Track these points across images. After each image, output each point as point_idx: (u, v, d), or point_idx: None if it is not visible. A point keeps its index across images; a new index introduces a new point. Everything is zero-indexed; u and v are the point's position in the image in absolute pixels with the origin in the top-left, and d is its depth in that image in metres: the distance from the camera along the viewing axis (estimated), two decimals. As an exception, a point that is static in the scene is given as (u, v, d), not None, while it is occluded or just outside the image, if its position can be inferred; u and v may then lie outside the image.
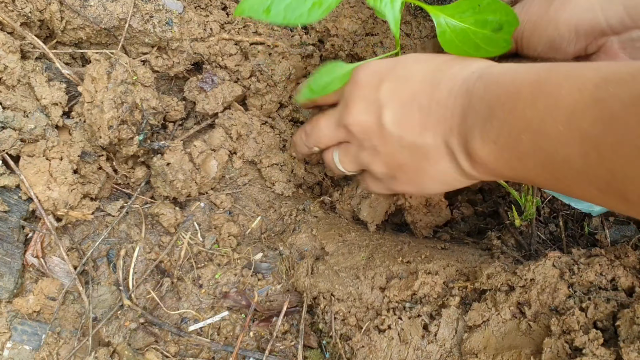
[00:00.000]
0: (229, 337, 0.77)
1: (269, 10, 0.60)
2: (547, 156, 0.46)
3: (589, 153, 0.42)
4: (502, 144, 0.50)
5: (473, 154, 0.54)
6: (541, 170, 0.48)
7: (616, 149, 0.39)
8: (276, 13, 0.60)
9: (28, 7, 0.77)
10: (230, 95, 0.85)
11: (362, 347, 0.71)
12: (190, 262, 0.80)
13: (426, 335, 0.71)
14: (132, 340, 0.76)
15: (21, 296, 0.76)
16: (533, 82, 0.48)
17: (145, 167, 0.84)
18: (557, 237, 0.82)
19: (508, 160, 0.50)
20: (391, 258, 0.77)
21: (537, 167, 0.48)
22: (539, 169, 0.48)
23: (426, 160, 0.60)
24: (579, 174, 0.44)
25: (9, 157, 0.76)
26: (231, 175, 0.87)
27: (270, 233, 0.85)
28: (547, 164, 0.46)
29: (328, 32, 0.89)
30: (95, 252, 0.80)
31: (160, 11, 0.82)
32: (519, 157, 0.49)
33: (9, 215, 0.76)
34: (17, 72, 0.76)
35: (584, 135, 0.42)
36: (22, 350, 0.75)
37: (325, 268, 0.77)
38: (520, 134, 0.47)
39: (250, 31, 0.88)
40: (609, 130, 0.40)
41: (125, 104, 0.77)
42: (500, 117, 0.50)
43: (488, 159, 0.52)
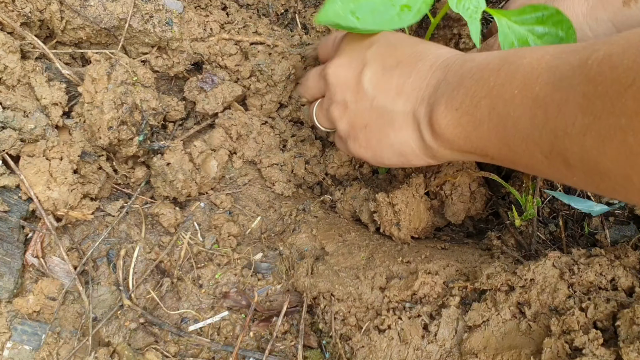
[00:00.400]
0: (229, 337, 0.77)
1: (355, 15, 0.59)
2: (500, 119, 0.48)
3: (536, 114, 0.44)
4: (463, 110, 0.51)
5: (435, 123, 0.55)
6: (493, 136, 0.49)
7: (560, 108, 0.42)
8: (364, 18, 0.60)
9: (28, 7, 0.77)
10: (230, 95, 0.85)
11: (362, 347, 0.71)
12: (190, 262, 0.80)
13: (426, 335, 0.71)
14: (132, 340, 0.76)
15: (21, 296, 0.76)
16: (502, 55, 0.51)
17: (145, 167, 0.84)
18: (557, 237, 0.82)
19: (465, 127, 0.52)
20: (391, 258, 0.77)
21: (490, 133, 0.49)
22: (491, 135, 0.50)
23: (391, 126, 0.60)
24: (527, 136, 0.45)
25: (9, 157, 0.76)
26: (231, 175, 0.87)
27: (270, 233, 0.85)
28: (499, 128, 0.48)
29: (329, 32, 0.89)
30: (95, 252, 0.80)
31: (160, 11, 0.82)
32: (475, 123, 0.51)
33: (9, 215, 0.76)
34: (17, 72, 0.76)
35: (534, 97, 0.44)
36: (22, 350, 0.75)
37: (325, 268, 0.77)
38: (481, 100, 0.49)
39: (250, 31, 0.88)
40: (556, 91, 0.42)
41: (125, 104, 0.77)
42: (466, 85, 0.51)
43: (447, 127, 0.53)
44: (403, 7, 0.60)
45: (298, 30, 0.91)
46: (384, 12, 0.60)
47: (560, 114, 0.42)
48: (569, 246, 0.79)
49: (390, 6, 0.60)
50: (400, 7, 0.60)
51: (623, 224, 0.82)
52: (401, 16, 0.60)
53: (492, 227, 0.87)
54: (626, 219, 0.82)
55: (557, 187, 0.85)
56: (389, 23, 0.60)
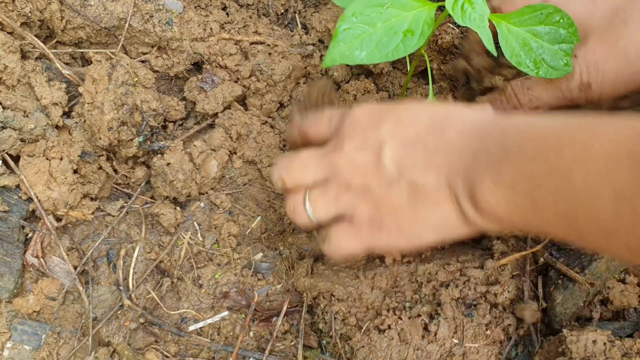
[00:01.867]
0: (229, 337, 0.77)
1: (361, 51, 0.59)
2: (571, 209, 0.43)
3: (622, 212, 0.39)
4: (517, 190, 0.46)
5: (480, 199, 0.49)
6: (561, 223, 0.44)
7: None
8: (370, 53, 0.59)
9: (28, 7, 0.77)
10: (230, 95, 0.85)
11: (362, 347, 0.71)
12: (190, 262, 0.80)
13: (426, 335, 0.71)
14: (132, 340, 0.76)
15: (21, 296, 0.76)
16: (560, 130, 0.45)
17: (145, 167, 0.84)
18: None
19: (522, 208, 0.47)
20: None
21: (557, 219, 0.45)
22: (558, 221, 0.45)
23: (425, 203, 0.54)
24: (609, 231, 0.40)
25: (9, 157, 0.76)
26: (231, 175, 0.87)
27: (270, 233, 0.85)
28: (570, 217, 0.43)
29: (329, 32, 0.89)
30: (95, 252, 0.80)
31: (161, 11, 0.82)
32: (536, 206, 0.45)
33: (9, 215, 0.76)
34: (17, 72, 0.76)
35: (617, 192, 0.39)
36: (22, 350, 0.75)
37: (325, 268, 0.77)
38: (541, 182, 0.44)
39: (250, 31, 0.88)
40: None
41: (126, 105, 0.77)
42: (519, 162, 0.46)
43: (498, 206, 0.48)
44: (406, 32, 0.59)
45: (298, 30, 0.91)
46: (388, 42, 0.59)
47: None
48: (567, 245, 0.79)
49: (393, 34, 0.59)
50: (404, 33, 0.59)
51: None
52: (405, 42, 0.59)
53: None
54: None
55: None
56: (395, 52, 0.59)
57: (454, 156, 0.52)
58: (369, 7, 0.59)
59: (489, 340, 0.71)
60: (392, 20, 0.59)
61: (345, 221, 0.60)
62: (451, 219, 0.53)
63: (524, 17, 0.61)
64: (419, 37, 0.59)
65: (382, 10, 0.59)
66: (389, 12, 0.60)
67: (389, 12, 0.60)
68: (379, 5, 0.60)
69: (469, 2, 0.59)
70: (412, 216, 0.55)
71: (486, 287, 0.73)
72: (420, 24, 0.59)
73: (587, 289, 0.72)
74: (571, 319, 0.73)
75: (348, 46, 0.58)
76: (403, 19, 0.60)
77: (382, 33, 0.59)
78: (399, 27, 0.59)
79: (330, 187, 0.60)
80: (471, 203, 0.51)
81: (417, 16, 0.60)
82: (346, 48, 0.59)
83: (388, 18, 0.59)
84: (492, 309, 0.72)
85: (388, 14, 0.60)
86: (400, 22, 0.60)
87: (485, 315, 0.72)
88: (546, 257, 0.76)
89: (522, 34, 0.61)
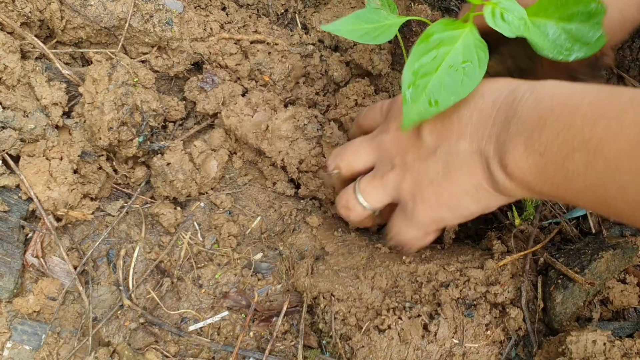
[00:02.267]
0: (229, 337, 0.77)
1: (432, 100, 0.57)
2: (601, 180, 0.43)
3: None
4: (548, 157, 0.47)
5: (510, 163, 0.50)
6: (590, 193, 0.45)
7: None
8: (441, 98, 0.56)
9: (28, 7, 0.77)
10: (231, 95, 0.85)
11: (362, 347, 0.71)
12: (190, 262, 0.80)
13: (426, 335, 0.71)
14: (132, 340, 0.76)
15: (21, 296, 0.76)
16: (593, 102, 0.45)
17: (145, 167, 0.84)
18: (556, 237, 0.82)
19: (552, 176, 0.47)
20: (391, 258, 0.77)
21: (587, 190, 0.45)
22: (588, 192, 0.45)
23: (458, 171, 0.55)
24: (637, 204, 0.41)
25: (9, 157, 0.76)
26: (231, 175, 0.87)
27: (270, 233, 0.85)
28: (599, 187, 0.44)
29: (329, 32, 0.89)
30: (95, 252, 0.80)
31: (160, 11, 0.82)
32: (566, 175, 0.46)
33: (9, 215, 0.76)
34: (17, 72, 0.76)
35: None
36: (22, 350, 0.75)
37: (325, 268, 0.77)
38: (574, 151, 0.45)
39: (250, 30, 0.88)
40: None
41: (126, 105, 0.77)
42: (552, 130, 0.46)
43: (528, 171, 0.49)
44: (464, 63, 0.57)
45: (298, 30, 0.91)
46: (452, 80, 0.57)
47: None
48: (567, 245, 0.79)
49: (454, 72, 0.57)
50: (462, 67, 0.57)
51: (623, 223, 0.82)
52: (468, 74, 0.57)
53: (492, 227, 0.87)
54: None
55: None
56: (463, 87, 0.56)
57: (486, 123, 0.53)
58: (421, 56, 0.58)
59: (489, 340, 0.71)
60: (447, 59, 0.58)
61: (398, 209, 0.63)
62: (483, 185, 0.55)
63: (545, 7, 0.59)
64: (479, 65, 0.57)
65: (435, 53, 0.58)
66: (442, 51, 0.58)
67: (442, 51, 0.58)
68: (432, 49, 0.58)
69: (503, 10, 0.57)
70: (449, 186, 0.57)
71: (486, 287, 0.73)
72: (473, 50, 0.57)
73: (587, 289, 0.72)
74: (571, 319, 0.73)
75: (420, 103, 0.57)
76: (456, 52, 0.58)
77: (443, 75, 0.57)
78: (456, 62, 0.57)
79: (377, 170, 0.63)
80: (501, 168, 0.51)
81: (466, 44, 0.58)
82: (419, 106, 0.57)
83: (442, 57, 0.58)
84: (492, 309, 0.72)
85: (441, 54, 0.58)
86: (454, 56, 0.57)
87: (485, 316, 0.72)
88: (546, 257, 0.76)
89: (548, 23, 0.60)
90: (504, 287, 0.72)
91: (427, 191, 0.59)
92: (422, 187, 0.59)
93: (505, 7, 0.58)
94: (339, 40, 0.89)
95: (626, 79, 0.91)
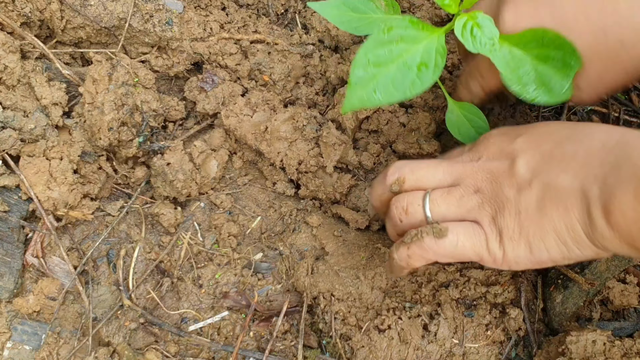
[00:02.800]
0: (229, 337, 0.77)
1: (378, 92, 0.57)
2: None
3: None
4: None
5: (614, 210, 0.46)
6: None
7: None
8: (387, 93, 0.57)
9: (28, 7, 0.77)
10: (231, 95, 0.85)
11: (362, 347, 0.71)
12: (190, 262, 0.80)
13: (426, 335, 0.71)
14: (132, 340, 0.76)
15: (21, 296, 0.76)
16: None
17: (145, 167, 0.84)
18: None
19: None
20: (391, 258, 0.77)
21: None
22: None
23: (554, 205, 0.51)
24: None
25: (9, 157, 0.76)
26: (231, 175, 0.87)
27: (270, 233, 0.85)
28: None
29: (329, 32, 0.89)
30: (95, 252, 0.80)
31: (160, 11, 0.82)
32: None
33: (9, 215, 0.76)
34: (17, 72, 0.76)
35: None
36: (22, 350, 0.75)
37: (325, 268, 0.77)
38: None
39: (250, 30, 0.88)
40: None
41: (126, 105, 0.77)
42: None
43: (634, 222, 0.45)
44: (420, 66, 0.58)
45: (298, 30, 0.91)
46: (403, 78, 0.57)
47: None
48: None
49: (407, 70, 0.57)
50: (417, 67, 0.58)
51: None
52: (420, 77, 0.58)
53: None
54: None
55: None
56: (412, 88, 0.57)
57: (593, 162, 0.49)
58: (380, 47, 0.58)
59: (489, 340, 0.71)
60: (404, 56, 0.58)
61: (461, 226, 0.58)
62: (576, 228, 0.50)
63: (526, 41, 0.59)
64: (434, 69, 0.58)
65: (393, 47, 0.58)
66: (400, 48, 0.58)
67: (400, 48, 0.58)
68: (389, 43, 0.58)
69: (477, 25, 0.58)
70: (538, 220, 0.52)
71: (486, 287, 0.73)
72: (433, 55, 0.58)
73: (587, 289, 0.72)
74: (571, 319, 0.73)
75: (365, 90, 0.57)
76: (415, 52, 0.58)
77: (396, 71, 0.57)
78: (412, 62, 0.58)
79: (455, 190, 0.59)
80: (604, 213, 0.47)
81: (427, 47, 0.58)
82: (363, 92, 0.57)
83: (399, 54, 0.58)
84: (492, 309, 0.73)
85: (399, 50, 0.58)
86: (412, 56, 0.58)
87: (485, 316, 0.72)
88: (546, 257, 0.76)
89: (523, 57, 0.59)
90: (504, 287, 0.72)
91: (512, 220, 0.54)
92: (506, 216, 0.54)
93: (479, 23, 0.58)
94: (339, 41, 0.89)
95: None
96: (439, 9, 0.89)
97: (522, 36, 0.59)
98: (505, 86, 0.61)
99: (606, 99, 0.89)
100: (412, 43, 0.58)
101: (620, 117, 0.89)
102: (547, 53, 0.58)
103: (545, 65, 0.59)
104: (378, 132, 0.85)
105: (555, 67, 0.59)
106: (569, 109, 0.88)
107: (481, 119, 0.69)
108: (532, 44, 0.59)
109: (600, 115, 0.90)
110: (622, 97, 0.90)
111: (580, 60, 0.57)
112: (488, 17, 0.58)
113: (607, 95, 0.61)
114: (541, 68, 0.59)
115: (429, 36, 0.59)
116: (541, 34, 0.58)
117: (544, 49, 0.58)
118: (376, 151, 0.84)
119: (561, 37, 0.57)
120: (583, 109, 0.89)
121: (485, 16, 0.58)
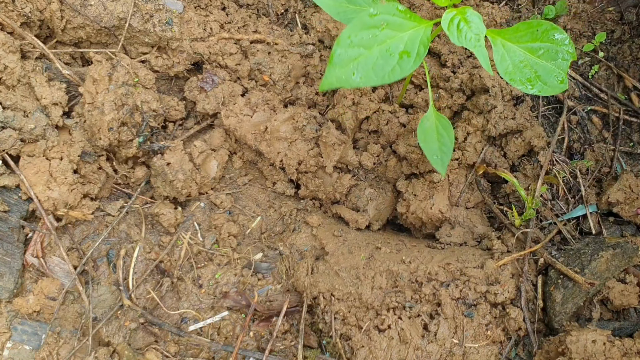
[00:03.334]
0: (229, 337, 0.77)
1: (357, 74, 0.58)
2: None
3: None
4: None
5: None
6: None
7: None
8: (366, 76, 0.58)
9: (28, 7, 0.77)
10: (231, 94, 0.85)
11: (362, 347, 0.71)
12: (190, 262, 0.80)
13: (426, 335, 0.71)
14: (132, 340, 0.76)
15: (21, 296, 0.76)
16: None
17: (145, 167, 0.84)
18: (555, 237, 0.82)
19: None
20: (391, 258, 0.77)
21: None
22: None
23: None
24: None
25: (9, 157, 0.76)
26: (231, 175, 0.87)
27: (270, 233, 0.85)
28: None
29: (329, 32, 0.89)
30: (95, 252, 0.80)
31: (160, 11, 0.82)
32: None
33: (9, 215, 0.76)
34: (17, 72, 0.76)
35: None
36: (22, 350, 0.75)
37: (325, 268, 0.77)
38: None
39: (250, 30, 0.88)
40: None
41: (126, 106, 0.77)
42: None
43: None
44: (402, 53, 0.58)
45: (298, 29, 0.91)
46: (384, 64, 0.58)
47: None
48: (567, 245, 0.79)
49: (389, 57, 0.58)
50: (399, 55, 0.58)
51: (623, 223, 0.82)
52: (401, 64, 0.58)
53: (491, 227, 0.87)
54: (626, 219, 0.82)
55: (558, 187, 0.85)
56: (392, 75, 0.58)
57: None
58: (364, 30, 0.58)
59: (489, 340, 0.71)
60: (388, 42, 0.58)
61: None
62: None
63: (520, 34, 0.60)
64: (415, 59, 0.59)
65: (377, 32, 0.58)
66: (385, 34, 0.58)
67: (385, 34, 0.58)
68: (374, 27, 0.58)
69: (464, 20, 0.58)
70: None
71: (486, 287, 0.73)
72: (416, 44, 0.59)
73: (587, 289, 0.72)
74: (571, 319, 0.73)
75: (344, 70, 0.58)
76: (399, 40, 0.59)
77: (377, 55, 0.58)
78: (395, 49, 0.58)
79: None
80: None
81: (413, 37, 0.59)
82: (342, 72, 0.58)
83: (384, 40, 0.58)
84: (492, 309, 0.72)
85: (384, 36, 0.58)
86: (396, 43, 0.59)
87: (485, 316, 0.72)
88: (546, 257, 0.76)
89: (517, 50, 0.60)
90: (504, 287, 0.72)
91: None
92: None
93: (467, 18, 0.59)
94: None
95: (625, 78, 0.90)
96: (439, 9, 0.89)
97: (516, 29, 0.60)
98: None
99: (606, 98, 0.89)
100: (397, 30, 0.59)
101: (620, 117, 0.89)
102: (542, 45, 0.59)
103: (540, 58, 0.60)
104: (378, 132, 0.85)
105: (550, 59, 0.59)
106: (569, 109, 0.89)
107: (449, 139, 0.70)
108: (526, 37, 0.60)
109: (600, 115, 0.90)
110: (622, 97, 0.90)
111: (574, 52, 0.58)
112: (477, 14, 0.59)
113: None
114: (535, 60, 0.60)
115: (416, 26, 0.60)
116: (536, 26, 0.59)
117: (537, 41, 0.59)
118: (376, 151, 0.84)
119: (557, 28, 0.58)
120: (583, 108, 0.89)
121: (475, 12, 0.59)
